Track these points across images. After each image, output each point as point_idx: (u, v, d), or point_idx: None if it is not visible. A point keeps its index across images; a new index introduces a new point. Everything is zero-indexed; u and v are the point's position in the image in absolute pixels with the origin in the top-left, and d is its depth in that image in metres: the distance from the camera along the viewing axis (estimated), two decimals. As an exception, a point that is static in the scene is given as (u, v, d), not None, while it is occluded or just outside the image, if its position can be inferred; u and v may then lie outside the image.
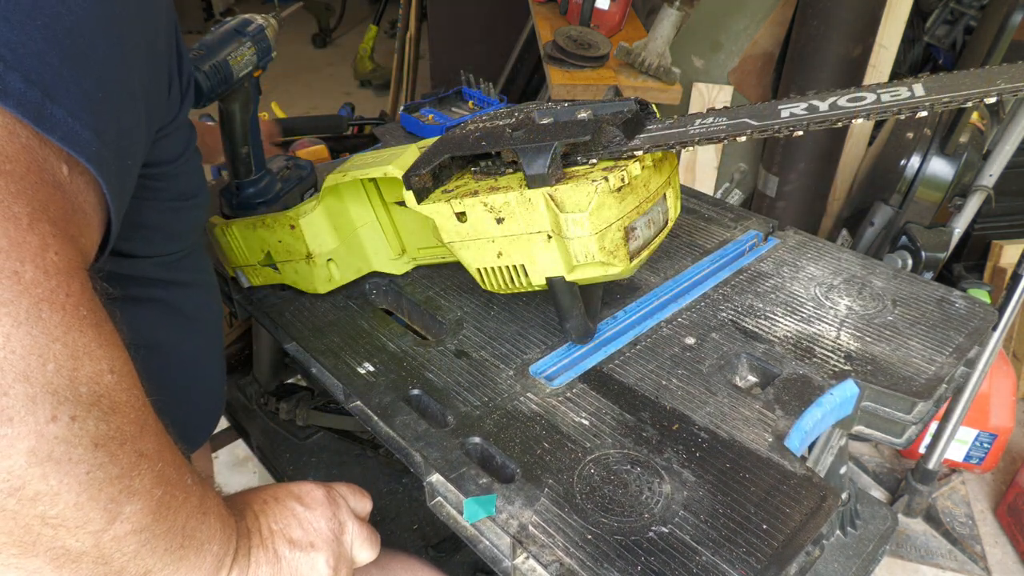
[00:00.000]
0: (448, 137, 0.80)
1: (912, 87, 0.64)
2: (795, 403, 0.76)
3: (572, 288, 0.79)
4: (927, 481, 1.83)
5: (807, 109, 0.68)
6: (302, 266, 0.93)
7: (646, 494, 0.66)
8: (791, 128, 0.66)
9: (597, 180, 0.69)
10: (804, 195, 2.26)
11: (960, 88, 0.61)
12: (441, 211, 0.78)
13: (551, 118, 0.75)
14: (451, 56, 3.42)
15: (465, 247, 0.80)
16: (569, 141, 0.71)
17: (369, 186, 0.95)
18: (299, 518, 0.61)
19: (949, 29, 2.41)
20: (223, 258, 1.00)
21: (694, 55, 2.36)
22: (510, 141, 0.73)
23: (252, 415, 1.53)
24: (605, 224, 0.71)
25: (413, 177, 0.78)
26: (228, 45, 0.94)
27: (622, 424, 0.74)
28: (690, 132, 0.71)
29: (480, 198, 0.75)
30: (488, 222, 0.76)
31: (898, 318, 0.90)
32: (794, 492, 0.65)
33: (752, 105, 0.72)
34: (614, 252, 0.73)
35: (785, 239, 1.08)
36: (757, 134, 0.68)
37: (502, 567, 0.66)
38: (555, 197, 0.71)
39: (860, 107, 0.64)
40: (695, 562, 0.59)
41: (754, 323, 0.90)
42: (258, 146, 1.09)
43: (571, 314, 0.82)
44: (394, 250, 1.00)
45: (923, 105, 0.61)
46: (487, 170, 0.80)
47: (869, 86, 0.67)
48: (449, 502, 0.71)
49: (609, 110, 0.75)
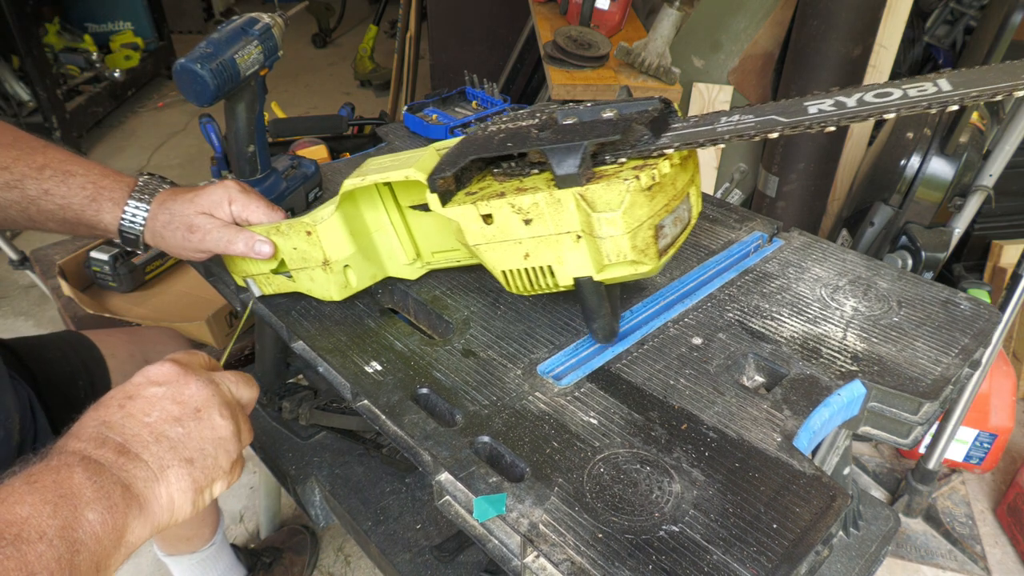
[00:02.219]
0: (471, 139, 0.79)
1: (937, 82, 0.64)
2: (803, 403, 0.77)
3: (599, 288, 0.79)
4: (927, 481, 1.83)
5: (834, 105, 0.67)
6: (318, 273, 0.91)
7: (656, 493, 0.66)
8: (822, 124, 0.66)
9: (629, 179, 0.69)
10: (804, 195, 2.27)
11: (986, 83, 0.61)
12: (466, 214, 0.77)
13: (575, 118, 0.74)
14: (451, 56, 3.42)
15: (491, 249, 0.79)
16: (599, 140, 0.70)
17: (384, 190, 0.94)
18: (167, 397, 0.59)
19: (949, 29, 2.42)
20: (232, 267, 0.98)
21: (694, 55, 2.36)
22: (537, 141, 0.72)
23: (254, 414, 1.53)
24: (637, 223, 0.71)
25: (438, 180, 0.77)
26: (235, 44, 0.95)
27: (631, 423, 0.74)
28: (718, 129, 0.71)
29: (507, 200, 0.74)
30: (515, 224, 0.75)
31: (904, 319, 0.90)
32: (803, 492, 0.66)
33: (776, 102, 0.71)
34: (645, 250, 0.73)
35: (790, 240, 1.09)
36: (788, 130, 0.67)
37: (511, 566, 0.66)
38: (586, 197, 0.70)
39: (889, 102, 0.64)
40: (706, 561, 0.60)
41: (761, 323, 0.90)
42: (263, 145, 1.09)
43: (599, 314, 0.82)
44: (408, 255, 0.98)
45: (952, 99, 0.61)
46: (509, 171, 0.79)
47: (893, 82, 0.66)
48: (458, 501, 0.71)
49: (634, 109, 0.75)
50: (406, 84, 3.62)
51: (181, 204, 0.89)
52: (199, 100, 0.94)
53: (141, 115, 4.45)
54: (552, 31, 2.06)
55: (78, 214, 0.88)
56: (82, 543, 0.49)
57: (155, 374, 0.61)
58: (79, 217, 0.88)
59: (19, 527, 0.47)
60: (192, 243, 0.88)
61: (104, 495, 0.52)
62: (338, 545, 1.83)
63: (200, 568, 1.45)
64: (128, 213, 0.88)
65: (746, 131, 0.69)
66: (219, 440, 0.59)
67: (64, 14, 4.37)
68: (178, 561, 1.43)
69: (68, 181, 0.86)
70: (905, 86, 0.65)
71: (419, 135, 1.44)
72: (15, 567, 0.45)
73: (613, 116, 0.73)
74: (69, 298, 1.75)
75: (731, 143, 0.69)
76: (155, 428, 0.57)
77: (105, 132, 4.17)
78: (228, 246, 0.87)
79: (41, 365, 1.06)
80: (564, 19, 2.31)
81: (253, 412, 1.51)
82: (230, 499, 1.95)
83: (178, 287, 1.87)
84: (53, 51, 4.03)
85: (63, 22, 4.27)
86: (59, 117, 3.63)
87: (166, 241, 0.90)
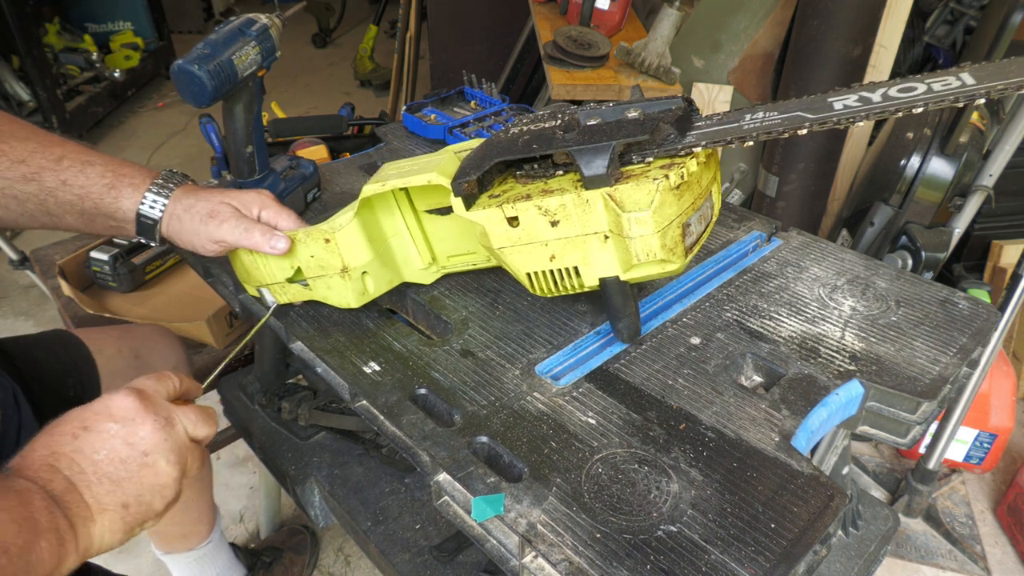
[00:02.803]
0: (494, 141, 0.79)
1: (960, 76, 0.64)
2: (801, 403, 0.77)
3: (625, 288, 0.79)
4: (927, 481, 1.83)
5: (859, 101, 0.67)
6: (336, 281, 0.90)
7: (654, 493, 0.66)
8: (850, 120, 0.66)
9: (658, 178, 0.69)
10: (804, 195, 2.27)
11: (1009, 75, 0.61)
12: (492, 217, 0.77)
13: (599, 119, 0.75)
14: (451, 56, 3.42)
15: (516, 252, 0.79)
16: (627, 140, 0.71)
17: (400, 195, 0.93)
18: (119, 436, 0.60)
19: (949, 29, 2.41)
20: (246, 277, 0.97)
21: (694, 55, 2.36)
22: (564, 143, 0.72)
23: (253, 414, 1.53)
24: (667, 221, 0.71)
25: (463, 184, 0.77)
26: (232, 44, 0.95)
27: (629, 423, 0.74)
28: (744, 127, 0.71)
29: (534, 202, 0.74)
30: (542, 225, 0.75)
31: (902, 319, 0.90)
32: (801, 491, 0.66)
33: (800, 99, 0.71)
34: (673, 249, 0.74)
35: (788, 240, 1.09)
36: (816, 126, 0.67)
37: (510, 566, 0.66)
38: (615, 197, 0.71)
39: (915, 97, 0.64)
40: (704, 561, 0.60)
41: (759, 323, 0.90)
42: (262, 146, 1.09)
43: (624, 313, 0.82)
44: (424, 259, 0.98)
45: (978, 93, 0.61)
46: (532, 173, 0.79)
47: (916, 76, 0.66)
48: (456, 501, 0.71)
49: (658, 108, 0.75)
50: (406, 84, 3.62)
51: (208, 193, 0.89)
52: (197, 101, 0.94)
53: (141, 115, 4.45)
54: (552, 31, 2.06)
55: (96, 203, 0.87)
56: (33, 567, 0.51)
57: (116, 408, 0.62)
58: (97, 206, 0.87)
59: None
60: (208, 230, 0.87)
61: (54, 528, 0.54)
62: (338, 545, 1.83)
63: (198, 566, 1.45)
64: (148, 199, 0.87)
65: (774, 128, 0.69)
66: (159, 487, 0.61)
67: (64, 14, 4.37)
68: (175, 559, 1.43)
69: (87, 171, 0.86)
70: (928, 80, 0.65)
71: (417, 135, 1.44)
72: None
73: (639, 116, 0.73)
74: (69, 298, 1.75)
75: (760, 139, 0.69)
76: (100, 468, 0.58)
77: (105, 132, 4.17)
78: (245, 235, 0.86)
79: (30, 364, 1.06)
80: (564, 19, 2.31)
81: (253, 412, 1.51)
82: (230, 499, 1.95)
83: (178, 287, 1.87)
84: (53, 51, 4.03)
85: (63, 22, 4.27)
86: (59, 117, 3.63)
87: (183, 226, 0.88)
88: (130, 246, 1.75)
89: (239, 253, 0.94)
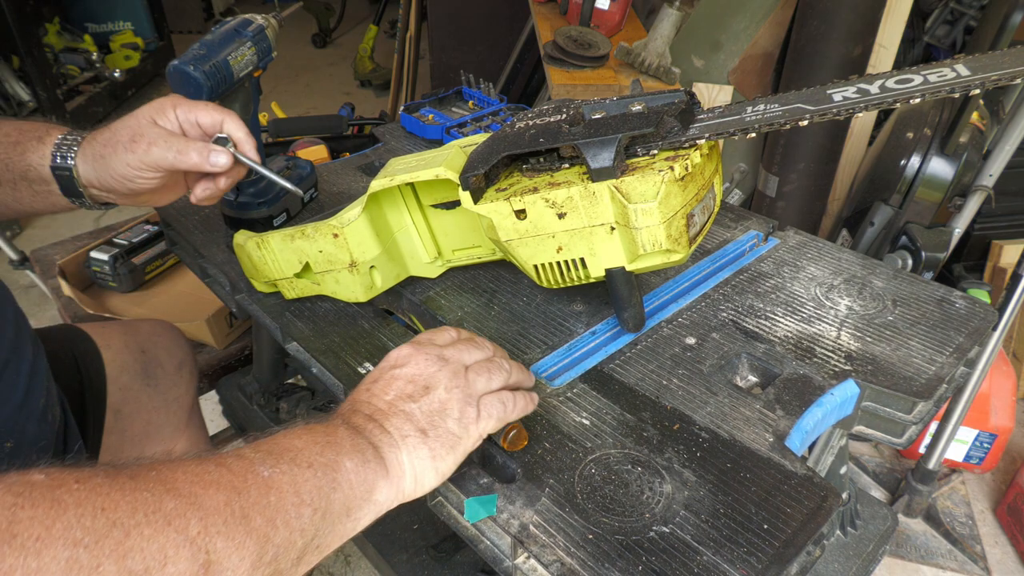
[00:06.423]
0: (501, 136, 0.80)
1: (955, 67, 0.64)
2: (796, 403, 0.77)
3: (630, 278, 0.81)
4: (927, 481, 1.83)
5: (858, 92, 0.68)
6: (344, 275, 0.92)
7: (647, 494, 0.66)
8: (849, 111, 0.67)
9: (663, 170, 0.71)
10: (804, 195, 2.26)
11: (1003, 66, 0.61)
12: (499, 210, 0.78)
13: (603, 112, 0.76)
14: (451, 56, 3.42)
15: (524, 244, 0.80)
16: (633, 133, 0.72)
17: (406, 190, 0.94)
18: (403, 377, 0.66)
19: (949, 29, 2.41)
20: (254, 273, 0.97)
21: (694, 55, 2.36)
22: (570, 136, 0.74)
23: (252, 415, 1.53)
24: (672, 212, 0.73)
25: (471, 178, 0.78)
26: (228, 45, 0.94)
27: (623, 424, 0.74)
28: (747, 119, 0.72)
29: (541, 195, 0.76)
30: (549, 218, 0.77)
31: (898, 318, 0.90)
32: (795, 492, 0.65)
33: (800, 91, 0.72)
34: (678, 239, 0.75)
35: (785, 239, 1.09)
36: (817, 117, 0.68)
37: (503, 567, 0.66)
38: (621, 189, 0.72)
39: (912, 88, 0.65)
40: (696, 562, 0.59)
41: (755, 323, 0.90)
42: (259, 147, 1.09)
43: (629, 303, 0.83)
44: (430, 253, 0.99)
45: (973, 83, 0.61)
46: (538, 167, 0.80)
47: (912, 68, 0.67)
48: (450, 502, 0.71)
49: (661, 101, 0.76)
50: (406, 84, 3.62)
51: (121, 120, 0.81)
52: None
53: (142, 115, 4.45)
54: (552, 31, 2.06)
55: (7, 164, 0.81)
56: (338, 484, 0.57)
57: (395, 357, 0.69)
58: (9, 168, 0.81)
59: (295, 453, 0.56)
60: (136, 156, 0.78)
61: (359, 451, 0.60)
62: (337, 545, 1.83)
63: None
64: (58, 147, 0.80)
65: (775, 119, 0.70)
66: (443, 412, 0.65)
67: (64, 14, 4.37)
68: None
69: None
70: (924, 72, 0.66)
71: (415, 135, 1.44)
72: (288, 482, 0.53)
73: (643, 109, 0.75)
74: (69, 298, 1.75)
75: (762, 131, 0.70)
76: (393, 404, 0.65)
77: (106, 132, 4.17)
78: (179, 156, 0.78)
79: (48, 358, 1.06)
80: (564, 19, 2.31)
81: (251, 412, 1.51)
82: (229, 499, 1.95)
83: (178, 287, 1.87)
84: (53, 51, 4.04)
85: (63, 22, 4.28)
86: (59, 117, 3.64)
87: (108, 165, 0.79)
88: (130, 246, 1.75)
89: (246, 249, 0.95)
